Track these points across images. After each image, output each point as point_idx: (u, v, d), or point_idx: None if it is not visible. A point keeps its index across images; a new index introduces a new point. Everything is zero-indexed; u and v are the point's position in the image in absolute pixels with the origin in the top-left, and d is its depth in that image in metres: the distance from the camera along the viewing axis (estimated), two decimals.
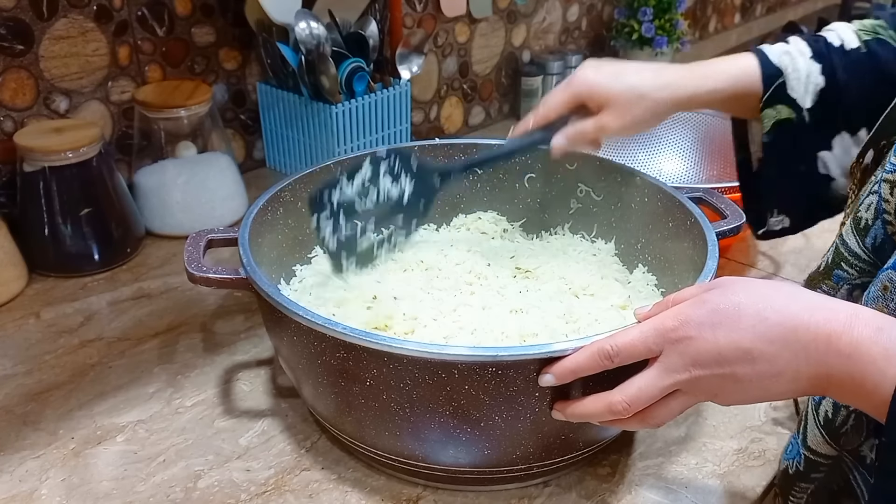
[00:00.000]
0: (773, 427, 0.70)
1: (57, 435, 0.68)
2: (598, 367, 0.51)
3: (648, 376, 0.50)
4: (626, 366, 0.51)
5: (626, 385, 0.51)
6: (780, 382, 0.47)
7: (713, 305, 0.48)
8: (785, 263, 0.97)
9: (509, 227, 0.85)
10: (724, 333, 0.47)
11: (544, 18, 1.51)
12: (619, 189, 0.79)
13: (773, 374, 0.46)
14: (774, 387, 0.47)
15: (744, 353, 0.47)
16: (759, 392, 0.48)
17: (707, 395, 0.50)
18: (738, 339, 0.47)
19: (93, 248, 0.91)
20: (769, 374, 0.47)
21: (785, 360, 0.46)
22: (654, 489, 0.63)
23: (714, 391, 0.49)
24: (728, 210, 0.72)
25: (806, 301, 0.47)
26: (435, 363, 0.52)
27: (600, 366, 0.51)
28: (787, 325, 0.46)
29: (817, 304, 0.46)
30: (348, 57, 1.05)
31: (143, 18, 0.99)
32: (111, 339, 0.80)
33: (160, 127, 0.98)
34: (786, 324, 0.46)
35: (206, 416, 0.70)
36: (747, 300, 0.47)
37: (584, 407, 0.53)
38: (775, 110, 0.68)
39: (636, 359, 0.51)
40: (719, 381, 0.48)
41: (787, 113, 0.68)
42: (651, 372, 0.50)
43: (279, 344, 0.63)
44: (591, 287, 0.73)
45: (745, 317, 0.47)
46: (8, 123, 0.91)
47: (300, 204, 0.77)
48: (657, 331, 0.49)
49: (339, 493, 0.63)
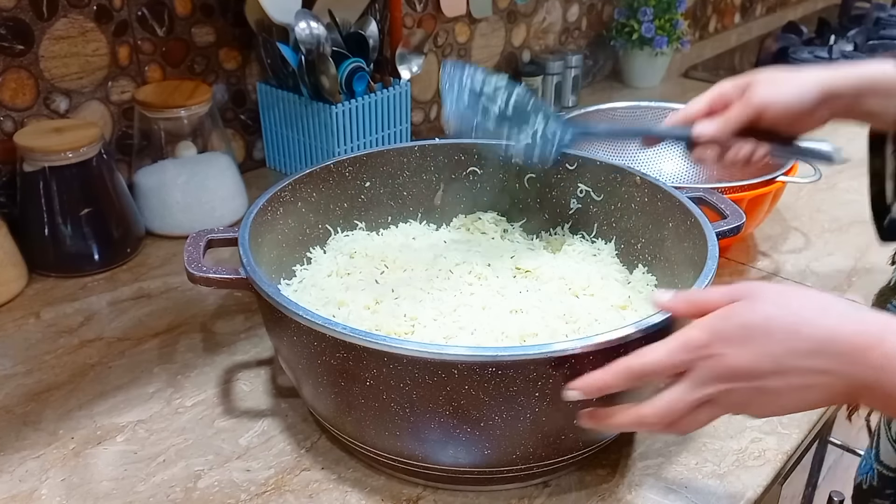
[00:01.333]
0: (773, 427, 0.70)
1: (57, 435, 0.68)
2: (625, 386, 0.51)
3: (678, 391, 0.49)
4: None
5: (656, 400, 0.50)
6: (812, 393, 0.46)
7: (742, 320, 0.47)
8: (785, 263, 0.97)
9: (509, 227, 0.85)
10: (755, 349, 0.46)
11: (544, 18, 1.51)
12: (619, 189, 0.79)
13: (805, 386, 0.46)
14: (806, 398, 0.47)
15: (775, 367, 0.46)
16: (791, 403, 0.47)
17: (737, 408, 0.49)
18: (770, 353, 0.46)
19: (93, 248, 0.91)
20: (801, 387, 0.46)
21: (816, 372, 0.45)
22: (654, 489, 0.63)
23: (745, 403, 0.49)
24: (728, 210, 0.72)
25: (837, 313, 0.46)
26: (435, 363, 0.52)
27: (627, 385, 0.51)
28: (819, 339, 0.45)
29: (849, 316, 0.46)
30: (348, 57, 1.05)
31: (143, 18, 0.99)
32: (111, 339, 0.80)
33: (160, 127, 0.98)
34: (818, 337, 0.45)
35: (206, 416, 0.70)
36: (777, 313, 0.47)
37: (615, 419, 0.53)
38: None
39: (663, 377, 0.50)
40: (750, 394, 0.47)
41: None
42: (681, 387, 0.49)
43: (279, 344, 0.63)
44: (591, 287, 0.73)
45: (776, 331, 0.46)
46: (8, 123, 0.91)
47: (300, 204, 0.77)
48: (685, 347, 0.48)
49: (339, 493, 0.63)
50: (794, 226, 1.07)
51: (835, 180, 1.20)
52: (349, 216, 0.82)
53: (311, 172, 0.77)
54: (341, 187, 0.80)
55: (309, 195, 0.78)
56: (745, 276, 0.94)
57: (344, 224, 0.82)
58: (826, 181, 1.20)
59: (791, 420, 0.71)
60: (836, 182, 1.20)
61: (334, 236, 0.81)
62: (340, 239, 0.81)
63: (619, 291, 0.72)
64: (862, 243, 1.01)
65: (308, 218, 0.78)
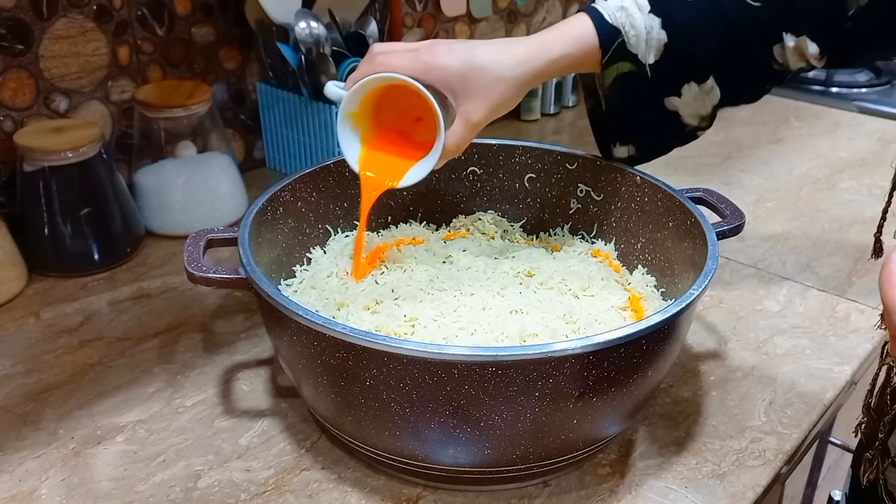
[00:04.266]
0: (773, 427, 0.70)
1: (57, 435, 0.68)
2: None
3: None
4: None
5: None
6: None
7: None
8: (785, 263, 0.97)
9: (509, 227, 0.85)
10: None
11: (544, 18, 1.51)
12: (619, 189, 0.79)
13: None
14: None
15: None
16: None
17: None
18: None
19: (93, 248, 0.91)
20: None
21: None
22: (654, 489, 0.63)
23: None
24: (728, 210, 0.72)
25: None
26: (435, 363, 0.52)
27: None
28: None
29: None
30: (348, 57, 1.05)
31: (143, 18, 0.99)
32: (111, 338, 0.80)
33: (160, 127, 0.98)
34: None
35: (206, 415, 0.70)
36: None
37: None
38: (617, 67, 0.68)
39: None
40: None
41: (628, 67, 0.68)
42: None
43: (279, 344, 0.63)
44: (591, 288, 0.73)
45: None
46: (8, 123, 0.91)
47: (300, 204, 0.77)
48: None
49: (339, 493, 0.63)
50: (795, 226, 1.07)
51: (835, 180, 1.20)
52: (349, 216, 0.82)
53: (311, 172, 0.77)
54: (341, 187, 0.80)
55: (309, 195, 0.78)
56: (745, 276, 0.94)
57: (344, 224, 0.82)
58: (826, 181, 1.20)
59: (791, 420, 0.71)
60: (836, 182, 1.20)
61: (334, 236, 0.81)
62: (340, 239, 0.81)
63: (619, 292, 0.72)
64: (862, 243, 1.01)
65: (308, 218, 0.78)
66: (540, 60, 0.67)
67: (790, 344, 0.82)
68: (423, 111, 0.68)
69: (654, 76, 0.68)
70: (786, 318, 0.86)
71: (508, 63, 0.66)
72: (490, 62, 0.66)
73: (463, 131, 0.67)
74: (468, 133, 0.68)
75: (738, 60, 0.68)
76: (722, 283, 0.92)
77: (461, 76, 0.65)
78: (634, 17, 0.66)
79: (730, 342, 0.82)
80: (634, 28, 0.67)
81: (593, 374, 0.54)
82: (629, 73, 0.68)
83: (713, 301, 0.89)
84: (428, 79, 0.66)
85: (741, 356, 0.80)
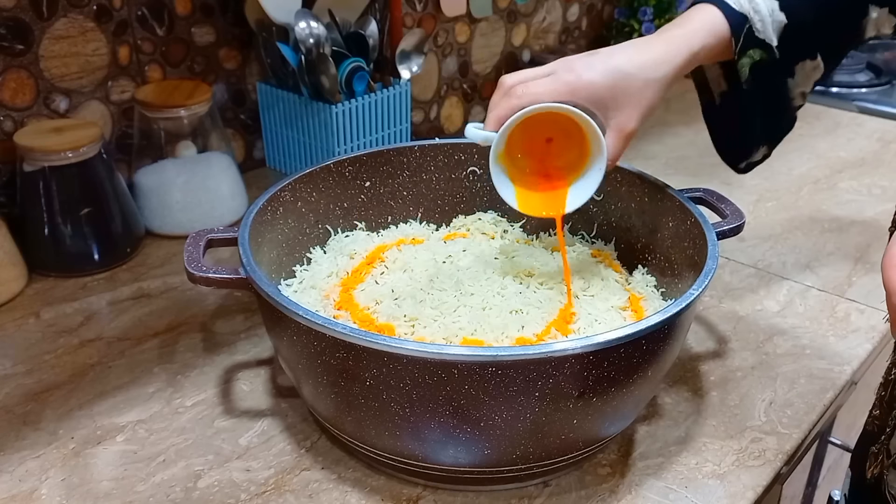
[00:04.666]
0: (773, 427, 0.70)
1: (57, 435, 0.68)
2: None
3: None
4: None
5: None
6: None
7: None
8: (785, 263, 0.97)
9: (509, 228, 0.85)
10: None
11: (544, 18, 1.51)
12: (619, 189, 0.79)
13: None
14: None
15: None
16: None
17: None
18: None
19: (93, 248, 0.91)
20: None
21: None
22: (654, 489, 0.63)
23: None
24: (728, 210, 0.72)
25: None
26: (435, 363, 0.52)
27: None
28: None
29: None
30: (348, 57, 1.05)
31: (143, 18, 0.99)
32: (111, 338, 0.80)
33: (160, 127, 0.97)
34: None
35: (206, 415, 0.70)
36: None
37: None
38: (749, 56, 0.68)
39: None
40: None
41: (760, 55, 0.68)
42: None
43: (279, 344, 0.63)
44: (591, 288, 0.73)
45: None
46: (8, 123, 0.91)
47: (300, 204, 0.77)
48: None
49: (339, 493, 0.63)
50: (795, 226, 1.07)
51: (835, 180, 1.20)
52: (349, 216, 0.82)
53: (311, 172, 0.77)
54: (341, 187, 0.80)
55: (309, 195, 0.78)
56: (745, 276, 0.94)
57: (344, 224, 0.82)
58: (826, 181, 1.20)
59: (791, 420, 0.71)
60: (836, 182, 1.20)
61: (334, 236, 0.81)
62: (340, 239, 0.81)
63: (620, 292, 0.72)
64: (862, 243, 1.01)
65: (308, 218, 0.78)
66: (680, 56, 0.66)
67: (790, 344, 0.82)
68: (556, 131, 0.67)
69: (780, 57, 0.68)
70: (786, 318, 0.86)
71: (652, 65, 0.65)
72: (635, 68, 0.65)
73: (619, 142, 0.67)
74: (624, 144, 0.67)
75: (837, 32, 0.70)
76: (722, 283, 0.92)
77: (609, 88, 0.65)
78: (758, 2, 0.67)
79: (730, 342, 0.82)
80: (759, 13, 0.67)
81: (593, 374, 0.54)
82: (761, 60, 0.68)
83: (713, 301, 0.89)
84: (575, 99, 0.64)
85: (741, 356, 0.80)
